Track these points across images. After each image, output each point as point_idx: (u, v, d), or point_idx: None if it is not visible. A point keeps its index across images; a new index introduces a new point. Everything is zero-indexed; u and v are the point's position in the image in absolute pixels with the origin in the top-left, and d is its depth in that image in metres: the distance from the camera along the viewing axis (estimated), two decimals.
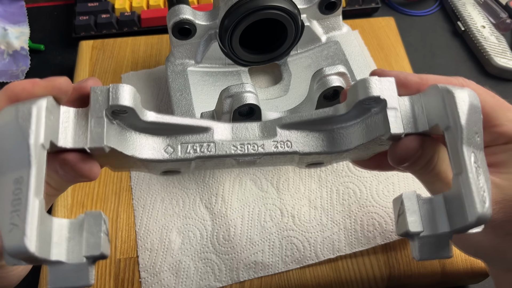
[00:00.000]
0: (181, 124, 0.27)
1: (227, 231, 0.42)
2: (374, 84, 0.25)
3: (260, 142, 0.27)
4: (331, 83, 0.39)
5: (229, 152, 0.27)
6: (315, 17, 0.46)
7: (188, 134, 0.27)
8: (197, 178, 0.46)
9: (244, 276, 0.40)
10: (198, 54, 0.46)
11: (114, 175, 0.47)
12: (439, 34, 0.63)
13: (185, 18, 0.42)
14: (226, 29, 0.42)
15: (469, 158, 0.22)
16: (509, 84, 0.57)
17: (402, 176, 0.44)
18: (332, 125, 0.28)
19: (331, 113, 0.28)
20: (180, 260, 0.41)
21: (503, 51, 0.58)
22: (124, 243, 0.42)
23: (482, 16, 0.62)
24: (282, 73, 0.48)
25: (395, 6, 0.66)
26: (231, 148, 0.27)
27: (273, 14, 0.41)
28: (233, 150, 0.27)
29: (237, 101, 0.36)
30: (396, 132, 0.24)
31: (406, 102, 0.25)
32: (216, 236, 0.42)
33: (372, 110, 0.26)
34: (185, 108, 0.43)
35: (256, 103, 0.36)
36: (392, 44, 0.59)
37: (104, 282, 0.40)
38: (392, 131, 0.24)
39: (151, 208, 0.44)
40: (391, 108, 0.25)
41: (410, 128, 0.25)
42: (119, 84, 0.24)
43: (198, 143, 0.27)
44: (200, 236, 0.42)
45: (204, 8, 0.57)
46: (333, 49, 0.47)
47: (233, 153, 0.27)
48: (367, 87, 0.25)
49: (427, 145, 0.24)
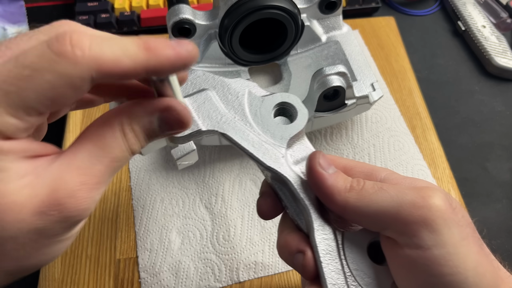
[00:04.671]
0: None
1: (227, 231, 0.42)
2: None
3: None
4: (331, 83, 0.39)
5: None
6: (315, 17, 0.46)
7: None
8: (197, 178, 0.46)
9: (244, 277, 0.40)
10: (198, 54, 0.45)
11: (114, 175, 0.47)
12: (440, 34, 0.63)
13: (185, 18, 0.41)
14: (226, 29, 0.41)
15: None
16: (510, 84, 0.57)
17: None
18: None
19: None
20: (180, 261, 0.41)
21: (503, 51, 0.58)
22: (124, 243, 0.42)
23: (482, 15, 0.62)
24: (282, 73, 0.48)
25: (395, 5, 0.66)
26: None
27: (273, 14, 0.41)
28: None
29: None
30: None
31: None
32: (216, 236, 0.42)
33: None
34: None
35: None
36: (393, 44, 0.59)
37: (104, 282, 0.40)
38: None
39: (150, 208, 0.44)
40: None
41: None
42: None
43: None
44: (200, 236, 0.42)
45: (204, 7, 0.57)
46: (333, 49, 0.47)
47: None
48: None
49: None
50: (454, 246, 0.21)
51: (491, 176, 0.49)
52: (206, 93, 0.26)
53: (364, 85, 0.43)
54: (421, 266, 0.21)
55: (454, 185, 0.47)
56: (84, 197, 0.19)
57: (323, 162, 0.24)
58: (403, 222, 0.21)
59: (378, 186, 0.23)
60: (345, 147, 0.49)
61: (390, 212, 0.22)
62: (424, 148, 0.49)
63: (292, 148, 0.26)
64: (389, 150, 0.48)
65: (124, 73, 0.18)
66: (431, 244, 0.21)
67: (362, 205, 0.23)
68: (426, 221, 0.21)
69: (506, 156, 0.51)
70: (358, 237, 0.24)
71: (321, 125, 0.45)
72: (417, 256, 0.21)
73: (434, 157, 0.49)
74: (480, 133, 0.53)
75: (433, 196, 0.22)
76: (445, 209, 0.21)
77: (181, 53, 0.19)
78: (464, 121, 0.54)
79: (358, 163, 0.26)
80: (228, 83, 0.27)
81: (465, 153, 0.51)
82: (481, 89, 0.57)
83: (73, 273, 0.41)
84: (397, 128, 0.50)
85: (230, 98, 0.26)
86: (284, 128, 0.26)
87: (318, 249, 0.23)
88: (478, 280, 0.20)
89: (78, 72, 0.17)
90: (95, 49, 0.17)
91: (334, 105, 0.42)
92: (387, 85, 0.55)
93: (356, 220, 0.24)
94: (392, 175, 0.25)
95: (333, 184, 0.24)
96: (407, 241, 0.21)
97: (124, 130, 0.20)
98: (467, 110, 0.55)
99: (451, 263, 0.20)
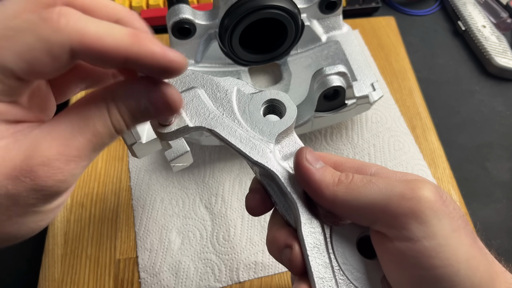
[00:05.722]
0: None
1: (227, 231, 0.42)
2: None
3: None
4: (331, 83, 0.39)
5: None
6: (315, 17, 0.46)
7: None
8: (197, 178, 0.46)
9: (244, 277, 0.40)
10: (198, 54, 0.45)
11: (114, 175, 0.47)
12: (440, 34, 0.63)
13: (185, 18, 0.41)
14: (226, 29, 0.41)
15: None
16: (510, 84, 0.57)
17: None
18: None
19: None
20: (180, 261, 0.41)
21: (503, 51, 0.58)
22: (124, 244, 0.42)
23: (482, 15, 0.62)
24: (282, 73, 0.48)
25: (395, 5, 0.66)
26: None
27: (273, 14, 0.40)
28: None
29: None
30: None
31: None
32: (216, 236, 0.42)
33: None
34: None
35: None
36: (393, 44, 0.59)
37: (104, 282, 0.40)
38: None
39: (150, 208, 0.44)
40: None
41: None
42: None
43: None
44: (200, 236, 0.42)
45: (204, 7, 0.57)
46: (333, 48, 0.47)
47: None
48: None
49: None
50: (445, 237, 0.20)
51: (491, 176, 0.49)
52: (194, 91, 0.26)
53: (364, 85, 0.43)
54: (412, 258, 0.20)
55: (454, 185, 0.47)
56: (60, 168, 0.18)
57: (310, 157, 0.24)
58: (392, 214, 0.21)
59: (367, 179, 0.23)
60: (345, 147, 0.49)
61: (379, 204, 0.21)
62: (424, 148, 0.49)
63: (280, 144, 0.26)
64: (389, 150, 0.48)
65: (104, 52, 0.18)
66: (420, 236, 0.20)
67: (351, 198, 0.22)
68: (415, 213, 0.21)
69: (506, 156, 0.51)
70: (347, 231, 0.24)
71: (321, 125, 0.45)
72: (407, 248, 0.21)
73: (434, 157, 0.49)
74: (480, 133, 0.53)
75: (422, 187, 0.21)
76: (434, 200, 0.21)
77: (167, 55, 0.19)
78: (464, 121, 0.54)
79: (348, 159, 0.26)
80: (217, 81, 0.27)
81: (465, 153, 0.51)
82: (481, 89, 0.57)
83: (73, 273, 0.41)
84: (397, 128, 0.50)
85: (218, 96, 0.27)
86: (273, 124, 0.26)
87: (305, 243, 0.23)
88: (471, 273, 0.20)
89: (58, 39, 0.17)
90: (80, 23, 0.17)
91: (334, 105, 0.42)
92: (387, 85, 0.55)
93: (345, 214, 0.23)
94: (382, 170, 0.25)
95: (321, 179, 0.23)
96: (397, 234, 0.21)
97: (108, 105, 0.20)
98: (467, 110, 0.55)
99: (441, 255, 0.20)
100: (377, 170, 0.25)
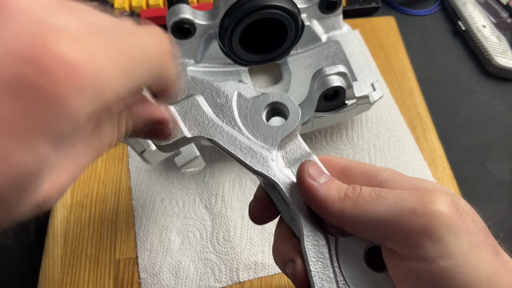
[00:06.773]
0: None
1: (227, 231, 0.42)
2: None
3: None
4: (331, 83, 0.39)
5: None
6: (315, 17, 0.46)
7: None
8: (196, 178, 0.46)
9: (244, 277, 0.40)
10: (198, 54, 0.45)
11: (114, 175, 0.47)
12: (440, 34, 0.63)
13: (185, 18, 0.41)
14: (226, 29, 0.41)
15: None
16: (510, 84, 0.57)
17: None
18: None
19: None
20: (180, 261, 0.41)
21: (504, 51, 0.58)
22: (124, 244, 0.42)
23: (482, 15, 0.62)
24: (282, 73, 0.48)
25: (395, 5, 0.66)
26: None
27: (273, 14, 0.40)
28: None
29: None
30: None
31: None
32: (216, 237, 0.42)
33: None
34: None
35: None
36: (393, 44, 0.59)
37: (104, 282, 0.40)
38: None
39: (150, 208, 0.44)
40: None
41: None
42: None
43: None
44: (199, 236, 0.42)
45: (204, 7, 0.57)
46: (333, 48, 0.47)
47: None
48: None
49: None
50: (463, 256, 0.19)
51: (491, 176, 0.49)
52: (193, 98, 0.25)
53: (364, 85, 0.43)
54: (427, 280, 0.19)
55: (454, 185, 0.47)
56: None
57: (313, 171, 0.23)
58: (403, 232, 0.20)
59: (376, 193, 0.21)
60: (345, 147, 0.49)
61: (390, 221, 0.20)
62: (424, 148, 0.49)
63: (284, 149, 0.25)
64: (389, 150, 0.48)
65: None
66: (435, 255, 0.19)
67: (359, 214, 0.21)
68: (428, 230, 0.19)
69: (506, 156, 0.51)
70: (354, 242, 0.23)
71: (321, 125, 0.45)
72: (422, 269, 0.19)
73: (434, 157, 0.49)
74: (480, 133, 0.53)
75: (436, 201, 0.20)
76: (449, 215, 0.19)
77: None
78: (464, 121, 0.54)
79: (358, 163, 0.25)
80: (217, 87, 0.26)
81: (465, 153, 0.51)
82: (481, 89, 0.57)
83: (73, 273, 0.41)
84: (397, 128, 0.50)
85: (219, 102, 0.26)
86: (275, 129, 0.25)
87: (308, 257, 0.22)
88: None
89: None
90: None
91: (334, 105, 0.42)
92: (387, 85, 0.55)
93: (354, 231, 0.22)
94: (394, 176, 0.23)
95: (326, 195, 0.22)
96: (410, 253, 0.20)
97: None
98: (467, 110, 0.55)
99: (460, 276, 0.18)
100: (389, 177, 0.23)
